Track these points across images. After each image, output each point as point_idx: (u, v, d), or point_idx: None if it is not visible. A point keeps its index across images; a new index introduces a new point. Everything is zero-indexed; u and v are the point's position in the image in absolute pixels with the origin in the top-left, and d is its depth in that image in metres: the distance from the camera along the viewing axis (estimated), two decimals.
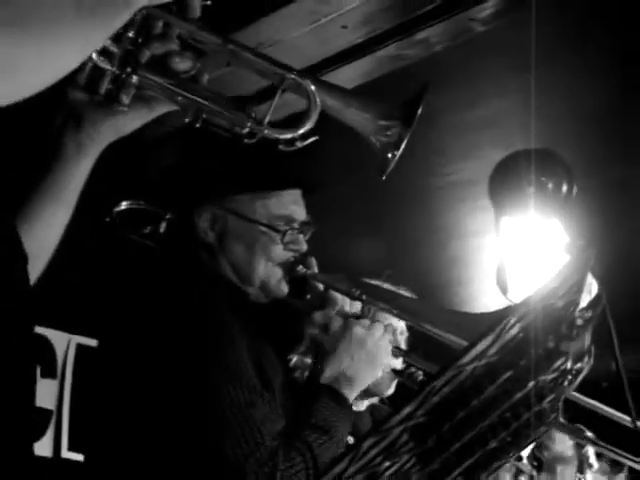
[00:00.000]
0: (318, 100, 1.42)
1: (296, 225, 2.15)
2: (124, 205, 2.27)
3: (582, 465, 3.56)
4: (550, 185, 3.27)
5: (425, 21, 2.81)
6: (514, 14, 2.76)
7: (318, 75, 2.86)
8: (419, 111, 1.48)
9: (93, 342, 4.00)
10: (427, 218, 4.42)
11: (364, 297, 2.15)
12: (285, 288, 2.15)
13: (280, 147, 1.44)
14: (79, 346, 4.08)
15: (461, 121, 3.60)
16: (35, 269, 1.39)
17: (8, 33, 0.97)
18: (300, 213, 2.17)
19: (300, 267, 2.16)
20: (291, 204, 2.16)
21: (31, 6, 0.99)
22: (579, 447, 3.57)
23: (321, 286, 2.20)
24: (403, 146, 1.47)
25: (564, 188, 3.29)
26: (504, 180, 3.31)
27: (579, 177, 3.37)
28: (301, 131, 1.42)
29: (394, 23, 2.83)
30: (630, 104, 3.41)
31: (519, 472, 3.55)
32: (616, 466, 3.69)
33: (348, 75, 2.96)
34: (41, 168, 1.43)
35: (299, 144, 1.44)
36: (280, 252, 2.12)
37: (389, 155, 1.47)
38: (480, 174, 3.69)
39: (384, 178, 1.48)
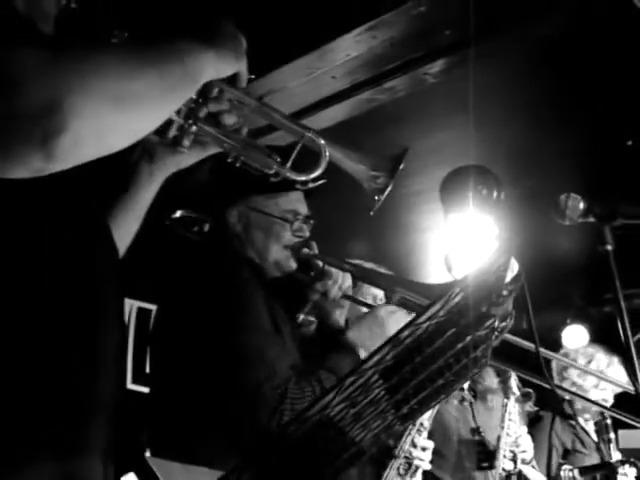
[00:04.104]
0: (327, 152, 1.40)
1: (300, 217, 2.12)
2: (179, 213, 2.27)
3: (507, 393, 3.63)
4: (485, 191, 3.28)
5: (392, 74, 2.83)
6: (457, 70, 2.81)
7: (312, 113, 2.91)
8: (401, 167, 1.46)
9: (150, 306, 4.00)
10: (391, 219, 4.38)
11: (353, 271, 2.13)
12: (294, 265, 2.12)
13: (297, 186, 1.42)
14: (140, 309, 4.08)
15: (416, 147, 3.57)
16: None
17: (119, 107, 0.98)
18: (303, 209, 2.14)
19: (305, 249, 2.12)
20: (296, 202, 2.12)
21: (132, 86, 1.01)
22: (504, 381, 3.66)
23: (320, 263, 2.17)
24: (387, 192, 1.45)
25: (495, 194, 3.31)
26: (451, 187, 3.33)
27: (505, 186, 3.40)
28: (313, 175, 1.41)
29: (369, 75, 2.84)
30: (541, 135, 3.45)
31: (463, 399, 3.59)
32: (525, 397, 3.74)
33: (334, 113, 2.96)
34: (121, 189, 1.46)
35: (311, 185, 1.46)
36: (289, 237, 2.09)
37: (376, 198, 1.45)
38: (429, 186, 3.70)
39: (372, 214, 1.46)
